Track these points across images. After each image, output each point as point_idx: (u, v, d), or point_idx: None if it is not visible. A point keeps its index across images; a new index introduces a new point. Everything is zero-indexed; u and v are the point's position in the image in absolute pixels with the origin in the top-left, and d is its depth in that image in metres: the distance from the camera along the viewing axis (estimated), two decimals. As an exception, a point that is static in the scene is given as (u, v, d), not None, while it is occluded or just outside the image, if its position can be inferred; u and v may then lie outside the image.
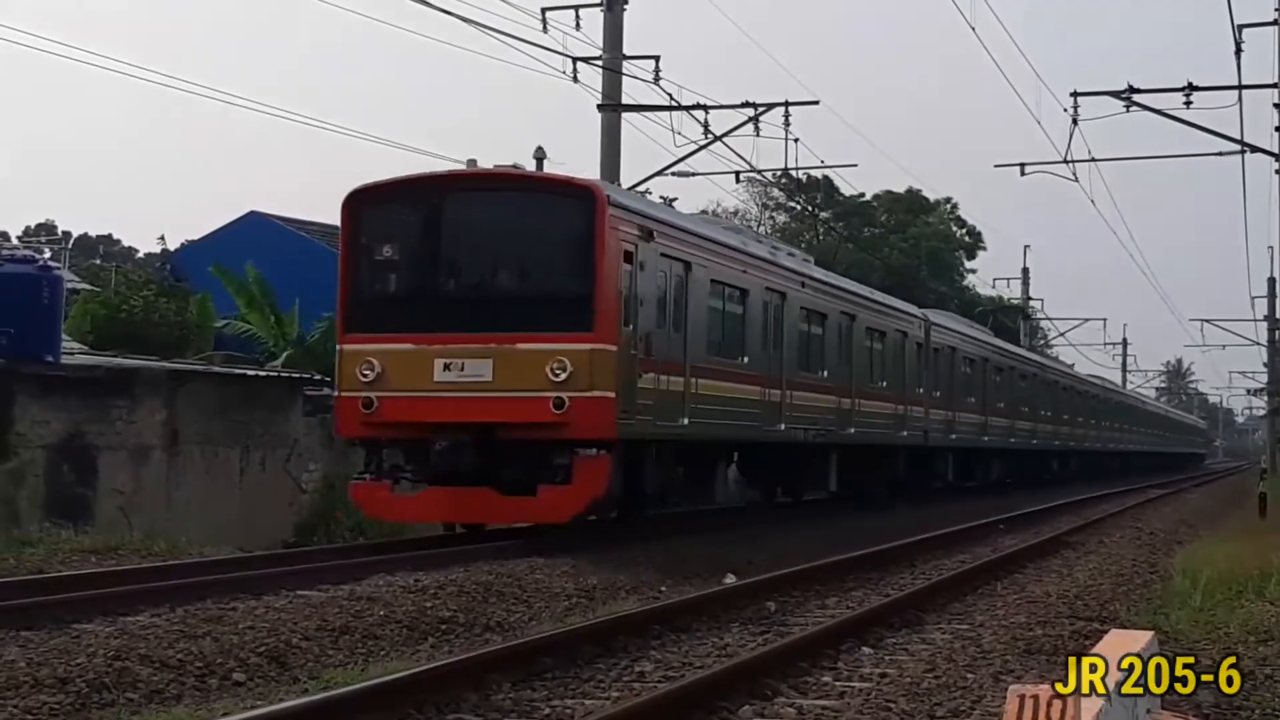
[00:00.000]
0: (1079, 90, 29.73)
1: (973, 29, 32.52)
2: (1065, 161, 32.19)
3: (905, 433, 31.08)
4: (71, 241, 57.82)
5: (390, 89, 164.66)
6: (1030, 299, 74.29)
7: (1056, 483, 47.37)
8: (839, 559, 16.99)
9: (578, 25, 26.43)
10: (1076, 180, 33.68)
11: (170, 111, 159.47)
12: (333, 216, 19.24)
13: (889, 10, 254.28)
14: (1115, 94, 28.89)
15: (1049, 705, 5.04)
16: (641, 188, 27.52)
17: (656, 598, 13.90)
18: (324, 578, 13.70)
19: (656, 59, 27.07)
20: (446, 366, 17.06)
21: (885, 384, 29.85)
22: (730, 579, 15.24)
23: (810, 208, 69.82)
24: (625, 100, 27.37)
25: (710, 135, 28.71)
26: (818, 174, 58.41)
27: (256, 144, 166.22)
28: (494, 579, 14.13)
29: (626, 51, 27.20)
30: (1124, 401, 73.53)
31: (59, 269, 23.19)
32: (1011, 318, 72.58)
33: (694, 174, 32.11)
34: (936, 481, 35.54)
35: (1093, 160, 34.83)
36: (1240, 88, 28.83)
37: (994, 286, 77.11)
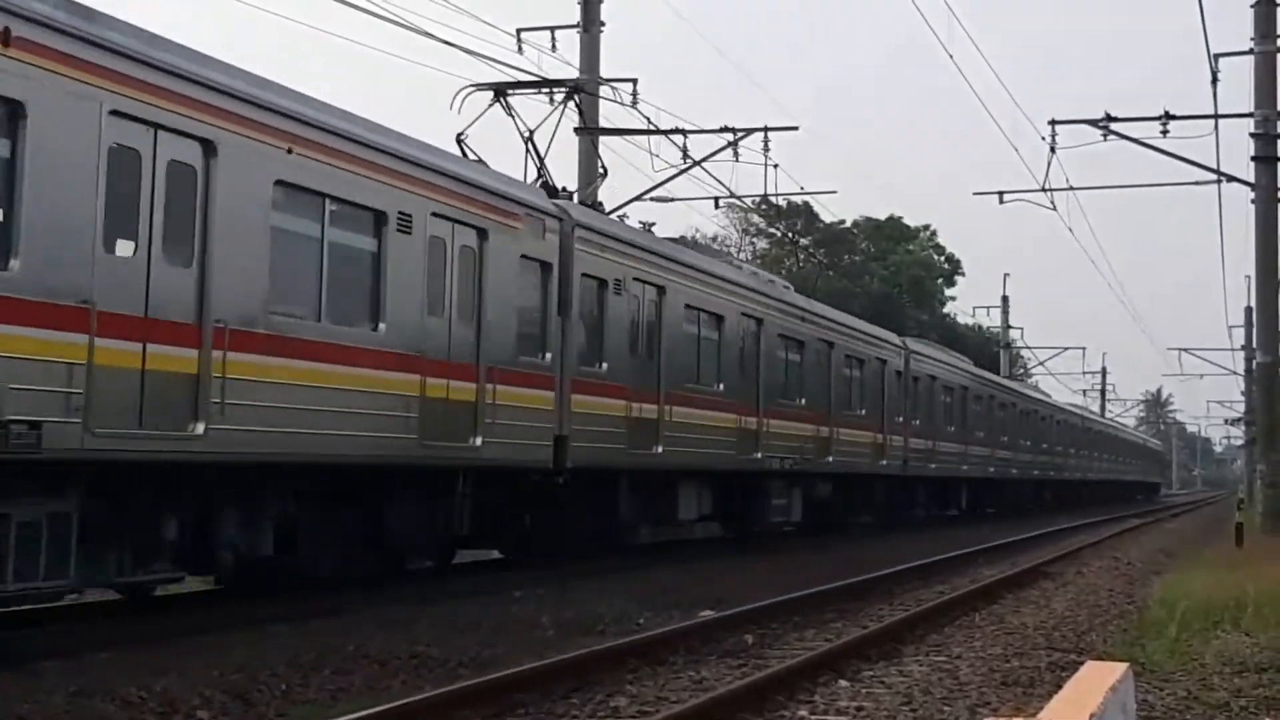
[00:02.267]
0: (1057, 118, 29.86)
1: (950, 56, 32.66)
2: (1043, 190, 32.31)
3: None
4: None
5: (360, 107, 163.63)
6: (1010, 327, 74.42)
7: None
8: (818, 590, 16.88)
9: (554, 46, 26.39)
10: (1054, 209, 33.81)
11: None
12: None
13: (868, 37, 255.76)
14: (1093, 122, 28.97)
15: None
16: (620, 213, 27.41)
17: (635, 629, 13.76)
18: (293, 610, 13.52)
19: (634, 82, 27.02)
20: None
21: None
22: (707, 613, 15.09)
23: (790, 234, 69.84)
24: (602, 123, 27.29)
25: (689, 160, 28.67)
26: (798, 200, 58.60)
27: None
28: (469, 612, 13.99)
29: (603, 74, 27.14)
30: (998, 398, 46.73)
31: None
32: (990, 347, 72.69)
33: (673, 199, 32.27)
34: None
35: (1071, 189, 34.97)
36: (1216, 116, 28.95)
37: (974, 315, 77.39)
